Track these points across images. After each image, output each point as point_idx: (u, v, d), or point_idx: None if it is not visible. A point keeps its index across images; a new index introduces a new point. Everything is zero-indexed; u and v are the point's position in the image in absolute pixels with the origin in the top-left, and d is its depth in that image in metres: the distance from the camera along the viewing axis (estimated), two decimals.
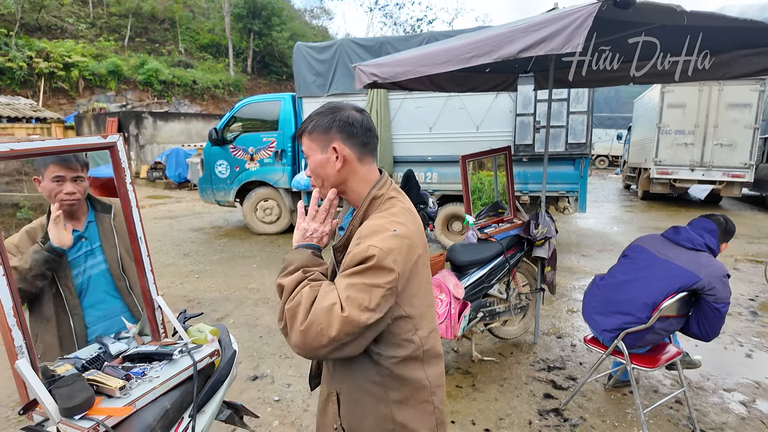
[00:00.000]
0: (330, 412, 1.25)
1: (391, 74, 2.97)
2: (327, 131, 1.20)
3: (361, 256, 1.05)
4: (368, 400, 1.19)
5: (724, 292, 2.22)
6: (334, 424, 1.22)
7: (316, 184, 1.25)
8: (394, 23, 34.57)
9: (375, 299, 1.03)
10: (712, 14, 1.99)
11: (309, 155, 1.22)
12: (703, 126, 9.78)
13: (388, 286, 1.04)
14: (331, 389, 1.25)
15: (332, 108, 1.24)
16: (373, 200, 1.20)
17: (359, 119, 1.22)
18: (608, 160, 23.09)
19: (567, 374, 3.17)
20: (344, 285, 1.05)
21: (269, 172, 7.44)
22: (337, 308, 1.01)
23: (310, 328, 1.02)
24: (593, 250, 6.64)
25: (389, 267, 1.04)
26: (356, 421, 1.21)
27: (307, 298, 1.06)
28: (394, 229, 1.10)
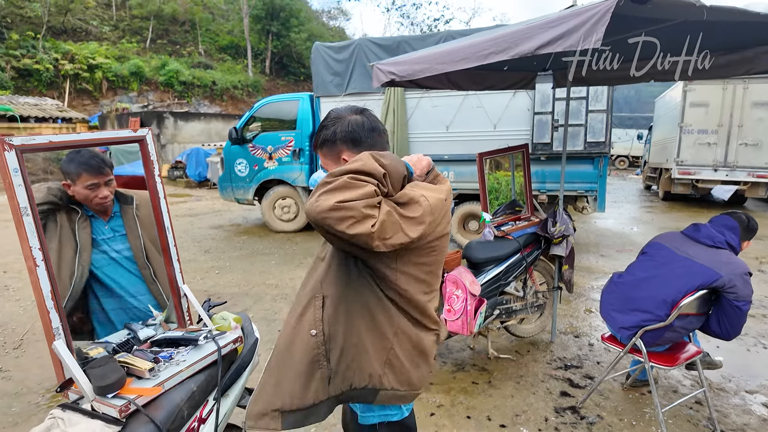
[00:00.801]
0: (309, 318, 1.24)
1: (408, 72, 2.99)
2: (333, 145, 1.25)
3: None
4: (362, 313, 1.23)
5: (745, 290, 2.19)
6: (313, 330, 1.22)
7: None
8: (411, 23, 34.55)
9: (416, 212, 1.11)
10: (732, 9, 1.97)
11: (327, 169, 1.27)
12: (727, 125, 9.56)
13: (424, 213, 1.13)
14: (315, 294, 1.26)
15: (333, 119, 1.28)
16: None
17: (360, 122, 1.25)
18: (629, 161, 22.71)
19: (584, 373, 3.15)
20: (395, 199, 1.11)
21: (287, 170, 7.54)
22: (378, 194, 1.06)
23: (337, 196, 1.00)
24: (612, 250, 6.56)
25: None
26: (341, 328, 1.22)
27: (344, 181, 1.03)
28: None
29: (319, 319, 1.22)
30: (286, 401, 1.24)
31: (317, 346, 1.22)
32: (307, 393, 1.23)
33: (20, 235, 1.19)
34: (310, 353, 1.23)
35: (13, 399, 2.90)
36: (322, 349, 1.22)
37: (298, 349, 1.24)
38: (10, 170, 1.15)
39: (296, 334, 1.26)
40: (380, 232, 1.01)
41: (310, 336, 1.23)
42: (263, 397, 1.26)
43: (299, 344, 1.24)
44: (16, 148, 1.17)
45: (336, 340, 1.23)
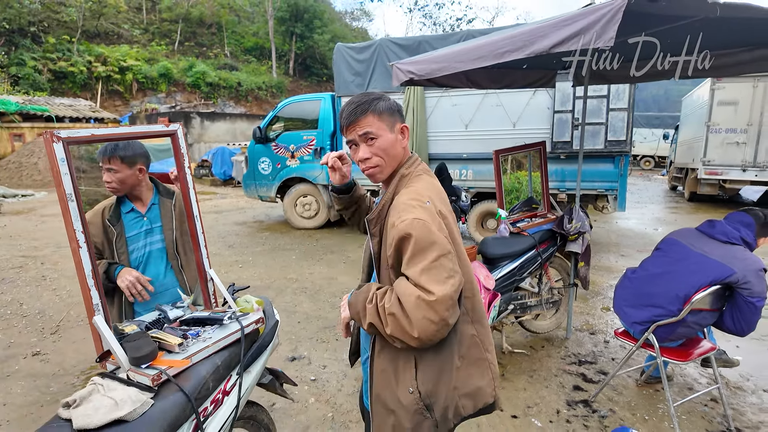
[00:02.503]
0: (404, 378, 1.28)
1: (426, 71, 3.06)
2: (393, 113, 1.32)
3: (403, 233, 1.17)
4: (440, 363, 1.27)
5: (759, 286, 2.19)
6: (410, 388, 1.26)
7: (380, 163, 1.32)
8: (433, 23, 34.53)
9: (448, 264, 1.16)
10: (748, 6, 1.98)
11: (378, 135, 1.30)
12: (756, 124, 9.29)
13: (445, 251, 1.17)
14: (407, 355, 1.27)
15: (381, 94, 1.35)
16: (403, 177, 1.32)
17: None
18: (654, 161, 22.18)
19: (598, 368, 3.17)
20: (414, 273, 1.14)
21: (309, 169, 7.69)
22: (422, 296, 1.12)
23: (420, 327, 1.12)
24: (633, 250, 6.48)
25: (436, 237, 1.17)
26: (432, 385, 1.27)
27: (392, 305, 1.16)
28: (426, 201, 1.23)
29: (413, 377, 1.26)
30: None
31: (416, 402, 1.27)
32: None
33: (65, 219, 1.32)
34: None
35: (51, 380, 3.09)
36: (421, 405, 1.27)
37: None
38: (57, 160, 1.28)
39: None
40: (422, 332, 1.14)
41: (409, 393, 1.27)
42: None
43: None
44: (63, 140, 1.30)
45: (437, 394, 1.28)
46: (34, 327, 3.94)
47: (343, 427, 2.57)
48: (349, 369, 3.20)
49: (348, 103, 1.35)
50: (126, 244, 1.98)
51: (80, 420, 1.14)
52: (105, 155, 1.86)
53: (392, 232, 1.20)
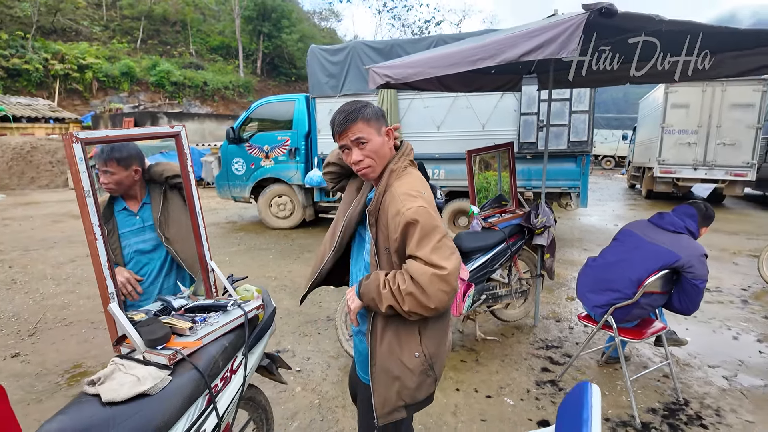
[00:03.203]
0: (409, 346, 1.47)
1: (402, 75, 3.23)
2: (379, 118, 1.51)
3: (410, 219, 1.37)
4: (440, 328, 1.53)
5: (701, 270, 2.48)
6: (417, 352, 1.47)
7: (371, 164, 1.50)
8: (402, 25, 34.88)
9: (449, 243, 1.39)
10: (686, 22, 2.26)
11: (369, 139, 1.47)
12: (706, 126, 9.97)
13: (444, 233, 1.41)
14: (410, 322, 1.46)
15: (367, 102, 1.54)
16: (392, 172, 1.50)
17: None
18: (614, 161, 23.22)
19: (564, 352, 3.44)
20: (425, 253, 1.35)
21: (283, 169, 7.76)
22: (436, 272, 1.33)
23: (437, 298, 1.33)
24: (594, 245, 6.88)
25: (437, 221, 1.40)
26: (434, 347, 1.51)
27: (408, 284, 1.35)
28: (423, 192, 1.45)
29: (418, 343, 1.48)
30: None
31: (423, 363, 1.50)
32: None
33: (83, 214, 1.42)
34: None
35: (34, 379, 3.10)
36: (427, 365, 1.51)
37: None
38: (77, 159, 1.39)
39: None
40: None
41: (415, 357, 1.48)
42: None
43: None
44: (81, 141, 1.40)
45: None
46: (9, 330, 3.89)
47: (330, 412, 2.72)
48: (333, 360, 3.35)
49: (338, 111, 1.52)
50: (119, 240, 2.08)
51: (108, 394, 1.26)
52: (102, 158, 1.94)
53: (397, 219, 1.38)
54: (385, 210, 1.45)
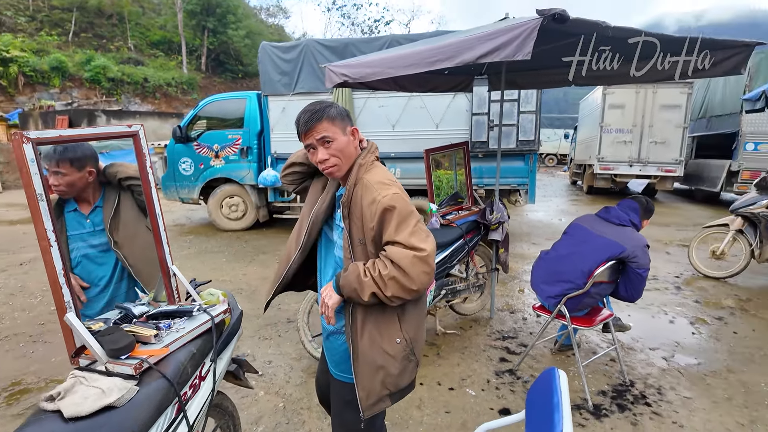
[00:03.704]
0: (390, 333, 1.51)
1: (360, 75, 3.25)
2: (344, 118, 1.52)
3: (387, 205, 1.42)
4: (418, 312, 1.58)
5: (644, 260, 2.68)
6: (398, 339, 1.51)
7: (337, 163, 1.51)
8: (351, 23, 34.78)
9: (424, 227, 1.46)
10: (629, 29, 2.44)
11: (334, 138, 1.49)
12: (639, 125, 10.69)
13: (419, 217, 1.47)
14: (389, 310, 1.51)
15: (331, 102, 1.57)
16: (361, 166, 1.53)
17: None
18: (557, 159, 24.38)
19: (519, 342, 3.59)
20: (404, 237, 1.39)
21: (235, 169, 7.55)
22: (417, 254, 1.37)
23: (419, 280, 1.39)
24: (542, 238, 7.21)
25: (412, 207, 1.46)
26: (414, 331, 1.56)
27: (390, 269, 1.39)
28: (394, 182, 1.51)
29: (398, 329, 1.53)
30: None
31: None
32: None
33: (35, 219, 1.33)
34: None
35: None
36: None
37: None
38: (27, 161, 1.30)
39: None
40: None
41: (396, 343, 1.53)
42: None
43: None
44: (32, 141, 1.31)
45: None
46: None
47: (296, 414, 2.70)
48: (296, 362, 3.32)
49: (303, 111, 1.53)
50: (66, 243, 1.96)
51: (71, 409, 1.19)
52: (53, 158, 1.82)
53: (373, 207, 1.42)
54: (358, 201, 1.47)
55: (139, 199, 2.06)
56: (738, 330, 3.82)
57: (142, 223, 2.06)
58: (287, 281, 1.71)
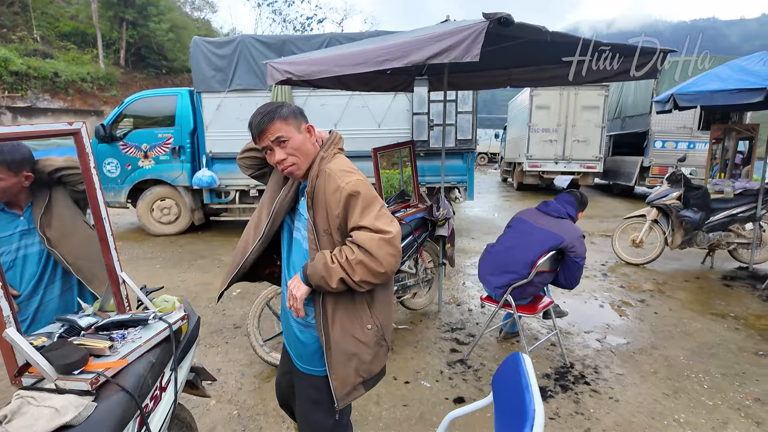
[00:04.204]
0: (360, 320, 1.52)
1: (306, 72, 3.22)
2: (297, 116, 1.51)
3: (351, 191, 1.43)
4: (387, 298, 1.59)
5: (581, 249, 2.89)
6: (369, 325, 1.53)
7: (296, 161, 1.51)
8: (283, 20, 34.03)
9: (387, 212, 1.48)
10: (566, 34, 2.62)
11: (289, 137, 1.49)
12: (564, 125, 11.45)
13: (382, 203, 1.50)
14: (358, 297, 1.52)
15: (282, 102, 1.58)
16: (323, 159, 1.54)
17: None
18: (488, 157, 25.45)
19: (467, 332, 3.73)
20: (370, 221, 1.40)
21: (166, 169, 7.15)
22: (383, 237, 1.39)
23: (386, 262, 1.40)
24: (480, 233, 7.52)
25: (375, 193, 1.49)
26: (384, 317, 1.57)
27: (357, 253, 1.40)
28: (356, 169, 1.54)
29: (369, 315, 1.55)
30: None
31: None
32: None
33: None
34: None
35: None
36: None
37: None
38: None
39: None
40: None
41: (368, 329, 1.55)
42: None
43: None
44: None
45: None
46: None
47: (252, 421, 2.62)
48: (246, 368, 3.22)
49: (255, 114, 1.52)
50: None
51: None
52: None
53: (337, 194, 1.43)
54: (321, 190, 1.48)
55: (74, 191, 1.92)
56: (658, 310, 4.23)
57: (79, 218, 1.92)
58: (244, 271, 1.68)
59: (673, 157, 9.68)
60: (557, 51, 3.28)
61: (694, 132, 10.42)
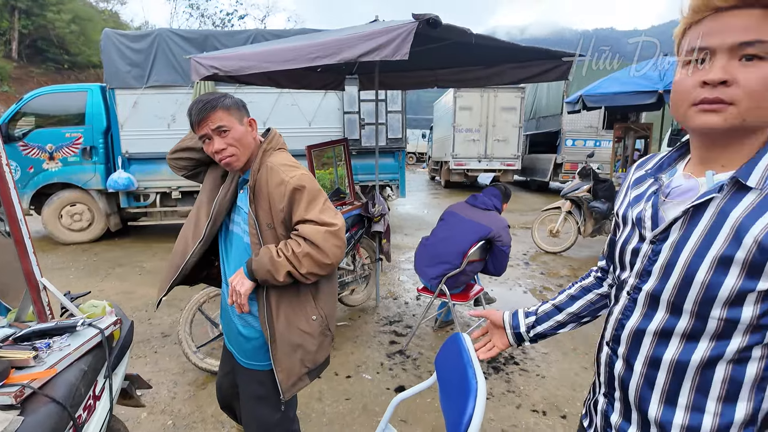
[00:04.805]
0: (305, 312, 1.53)
1: (234, 68, 3.14)
2: (240, 108, 1.48)
3: (296, 185, 1.44)
4: (331, 289, 1.60)
5: (507, 238, 3.09)
6: (314, 316, 1.53)
7: (235, 152, 1.48)
8: (201, 15, 32.41)
9: (331, 206, 1.52)
10: (489, 37, 2.79)
11: (230, 127, 1.46)
12: (485, 125, 12.06)
13: (326, 196, 1.54)
14: (303, 289, 1.54)
15: (226, 93, 1.55)
16: (265, 152, 1.54)
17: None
18: (416, 157, 26.08)
19: (405, 324, 3.84)
20: (315, 215, 1.42)
21: (76, 172, 6.57)
22: (329, 229, 1.41)
23: (332, 253, 1.43)
24: (413, 229, 7.73)
25: (319, 186, 1.51)
26: (329, 307, 1.59)
27: (303, 246, 1.41)
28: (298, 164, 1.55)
29: (313, 306, 1.57)
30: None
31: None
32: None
33: None
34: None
35: None
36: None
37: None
38: None
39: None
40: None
41: (312, 320, 1.57)
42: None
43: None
44: None
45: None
46: None
47: (188, 429, 2.52)
48: (179, 376, 3.08)
49: (196, 102, 1.48)
50: None
51: None
52: None
53: (281, 188, 1.43)
54: (264, 184, 1.47)
55: None
56: None
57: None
58: (186, 273, 1.63)
59: (582, 154, 10.56)
60: (480, 53, 3.49)
61: (599, 131, 11.44)
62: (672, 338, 0.79)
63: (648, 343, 0.82)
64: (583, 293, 1.16)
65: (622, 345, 0.88)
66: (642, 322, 0.83)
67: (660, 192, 0.84)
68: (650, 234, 0.82)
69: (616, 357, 0.90)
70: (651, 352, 0.82)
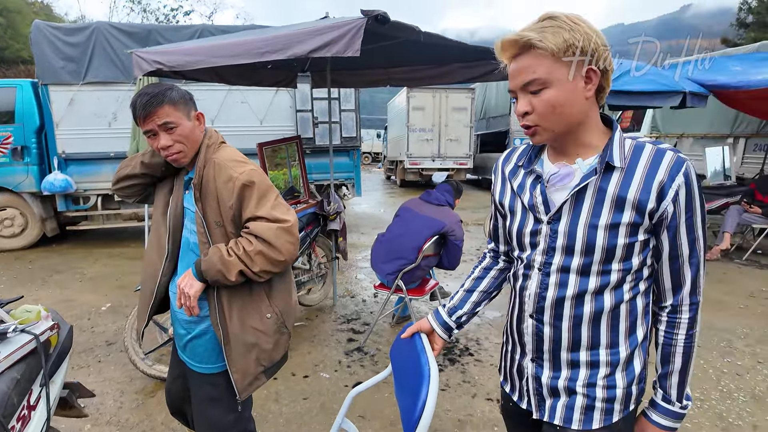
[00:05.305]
0: (258, 310, 1.50)
1: (179, 63, 3.02)
2: (187, 102, 1.42)
3: (245, 181, 1.41)
4: (286, 285, 1.57)
5: (460, 232, 3.16)
6: (268, 314, 1.50)
7: (182, 149, 1.43)
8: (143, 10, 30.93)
9: (283, 202, 1.49)
10: (437, 35, 2.84)
11: (178, 123, 1.40)
12: (438, 125, 12.27)
13: (277, 192, 1.51)
14: (256, 287, 1.50)
15: (172, 85, 1.47)
16: (209, 147, 1.49)
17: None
18: (371, 157, 26.14)
19: (362, 322, 3.84)
20: (266, 211, 1.39)
21: (6, 173, 6.10)
22: (281, 226, 1.38)
23: (286, 250, 1.40)
24: (369, 228, 7.74)
25: (270, 182, 1.48)
26: (284, 304, 1.56)
27: (255, 244, 1.38)
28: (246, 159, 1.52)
29: (268, 305, 1.53)
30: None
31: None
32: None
33: None
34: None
35: None
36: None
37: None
38: None
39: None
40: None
41: (267, 318, 1.53)
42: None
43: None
44: None
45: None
46: None
47: None
48: (126, 385, 2.93)
49: (140, 95, 1.40)
50: None
51: None
52: None
53: (230, 185, 1.39)
54: (210, 181, 1.43)
55: None
56: None
57: None
58: (161, 296, 1.58)
59: None
60: (430, 52, 3.55)
61: None
62: (585, 297, 0.97)
63: (569, 306, 0.98)
64: (485, 273, 1.33)
65: (546, 314, 1.02)
66: (560, 291, 0.99)
67: (542, 180, 0.99)
68: (545, 216, 0.98)
69: (542, 325, 1.03)
70: (573, 312, 0.98)
